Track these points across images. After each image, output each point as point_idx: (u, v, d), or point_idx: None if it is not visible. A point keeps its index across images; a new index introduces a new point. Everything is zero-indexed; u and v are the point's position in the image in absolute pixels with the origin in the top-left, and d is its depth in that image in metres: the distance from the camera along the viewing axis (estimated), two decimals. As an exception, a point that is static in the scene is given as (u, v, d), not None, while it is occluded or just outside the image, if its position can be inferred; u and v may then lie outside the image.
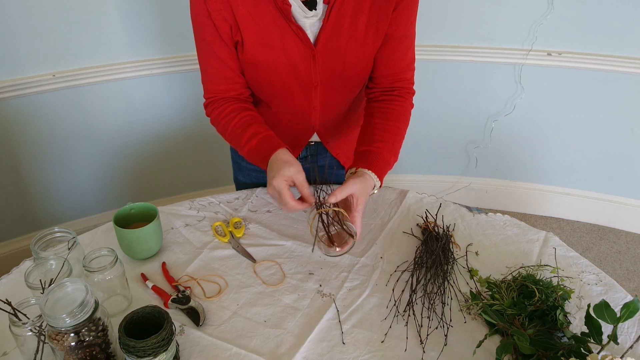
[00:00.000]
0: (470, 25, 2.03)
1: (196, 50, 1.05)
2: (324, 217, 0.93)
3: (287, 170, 0.92)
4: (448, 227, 1.10)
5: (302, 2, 0.95)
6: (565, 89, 2.10)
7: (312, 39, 0.99)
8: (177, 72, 1.99)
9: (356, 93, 1.14)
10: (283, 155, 0.96)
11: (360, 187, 0.95)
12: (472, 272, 1.00)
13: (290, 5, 0.94)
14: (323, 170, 1.29)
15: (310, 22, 0.97)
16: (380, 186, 1.01)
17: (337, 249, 0.94)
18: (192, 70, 2.00)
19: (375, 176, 0.99)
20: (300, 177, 0.93)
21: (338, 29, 0.98)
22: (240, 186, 1.36)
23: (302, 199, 0.95)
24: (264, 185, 1.25)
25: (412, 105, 1.12)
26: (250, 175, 1.30)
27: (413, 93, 1.12)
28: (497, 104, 2.21)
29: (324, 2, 0.95)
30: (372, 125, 1.07)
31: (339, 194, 0.92)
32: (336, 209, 0.93)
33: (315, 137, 1.21)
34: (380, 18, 0.99)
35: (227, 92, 1.07)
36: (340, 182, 1.27)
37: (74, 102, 1.90)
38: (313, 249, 0.93)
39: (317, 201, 0.94)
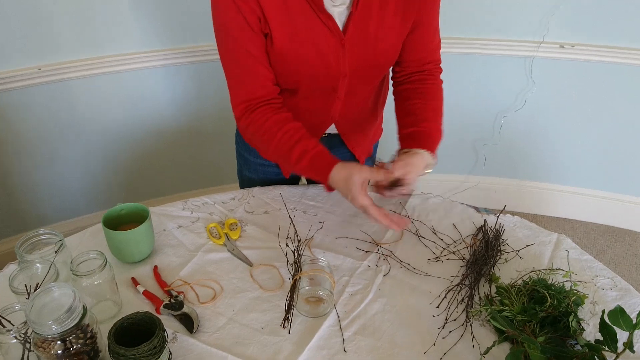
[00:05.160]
0: (478, 16, 2.03)
1: (221, 56, 1.04)
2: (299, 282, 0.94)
3: (355, 185, 0.96)
4: (497, 231, 1.10)
5: None
6: (578, 83, 2.10)
7: (340, 28, 1.00)
8: (171, 65, 1.99)
9: (379, 80, 1.17)
10: (341, 174, 0.99)
11: (409, 163, 1.02)
12: (492, 278, 0.99)
13: None
14: None
15: (338, 10, 0.99)
16: (435, 163, 1.07)
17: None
18: (188, 63, 2.00)
19: (429, 154, 1.05)
20: (367, 174, 0.97)
21: (367, 16, 1.00)
22: (245, 182, 1.36)
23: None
24: (272, 181, 1.25)
25: (441, 82, 1.18)
26: (257, 170, 1.30)
27: (441, 71, 1.18)
28: (507, 99, 2.21)
29: None
30: (412, 107, 1.13)
31: (397, 171, 0.99)
32: (312, 272, 0.94)
33: (332, 129, 1.21)
34: (407, 4, 1.02)
35: (260, 91, 1.05)
36: None
37: (61, 97, 1.90)
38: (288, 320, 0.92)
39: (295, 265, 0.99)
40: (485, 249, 1.05)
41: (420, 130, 1.10)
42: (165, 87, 2.04)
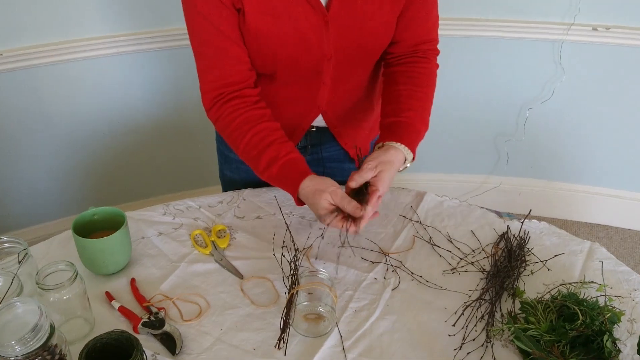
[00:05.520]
0: (500, -5, 2.03)
1: (190, 37, 1.05)
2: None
3: (323, 203, 0.98)
4: (522, 239, 1.10)
5: None
6: (613, 71, 2.10)
7: (323, 3, 1.01)
8: (152, 50, 1.99)
9: (372, 65, 1.17)
10: (311, 187, 1.00)
11: (382, 161, 1.00)
12: (516, 292, 0.99)
13: None
14: (324, 164, 1.29)
15: None
16: (413, 158, 1.07)
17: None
18: (171, 47, 2.00)
19: (407, 148, 1.05)
20: (336, 198, 0.98)
21: None
22: (227, 184, 1.36)
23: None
24: (256, 182, 1.26)
25: (437, 66, 1.18)
26: (239, 169, 1.30)
27: (438, 52, 1.18)
28: (533, 89, 2.21)
29: None
30: (397, 93, 1.12)
31: (358, 178, 0.99)
32: (310, 286, 0.94)
33: (320, 122, 1.21)
34: None
35: (233, 76, 1.05)
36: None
37: (26, 86, 1.90)
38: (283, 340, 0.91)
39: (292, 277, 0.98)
40: (508, 259, 1.05)
41: (402, 121, 1.09)
42: (143, 76, 2.04)
